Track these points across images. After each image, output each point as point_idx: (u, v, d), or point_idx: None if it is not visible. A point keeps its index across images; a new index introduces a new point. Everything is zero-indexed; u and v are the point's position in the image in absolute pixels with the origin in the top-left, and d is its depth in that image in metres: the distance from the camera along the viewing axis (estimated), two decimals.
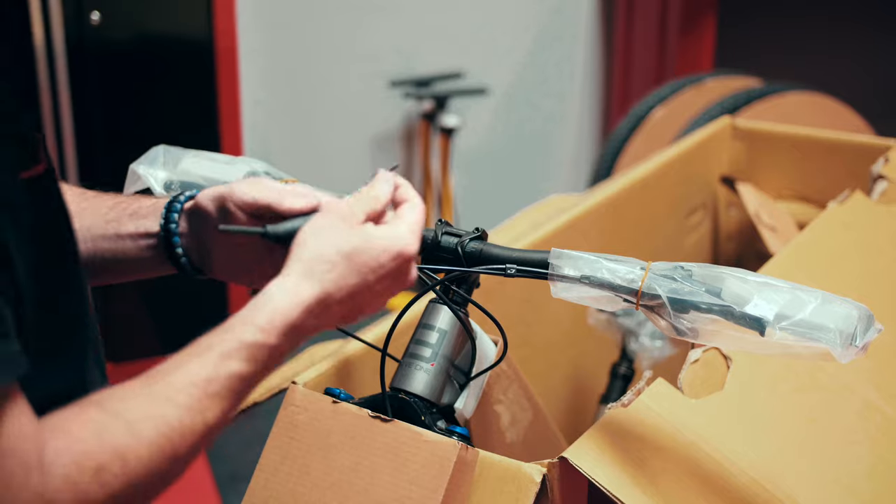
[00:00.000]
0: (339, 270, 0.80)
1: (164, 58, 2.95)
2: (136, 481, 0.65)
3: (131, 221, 0.94)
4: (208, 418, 0.71)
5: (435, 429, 1.04)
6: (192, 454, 0.70)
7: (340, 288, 0.80)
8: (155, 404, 0.68)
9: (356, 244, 0.81)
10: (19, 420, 0.61)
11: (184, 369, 0.71)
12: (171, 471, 0.68)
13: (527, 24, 3.90)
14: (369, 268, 0.82)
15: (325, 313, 0.80)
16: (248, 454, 2.82)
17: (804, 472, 1.11)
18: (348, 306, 0.82)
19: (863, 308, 0.91)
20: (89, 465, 0.63)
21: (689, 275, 0.95)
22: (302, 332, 0.79)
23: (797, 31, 3.72)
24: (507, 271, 1.03)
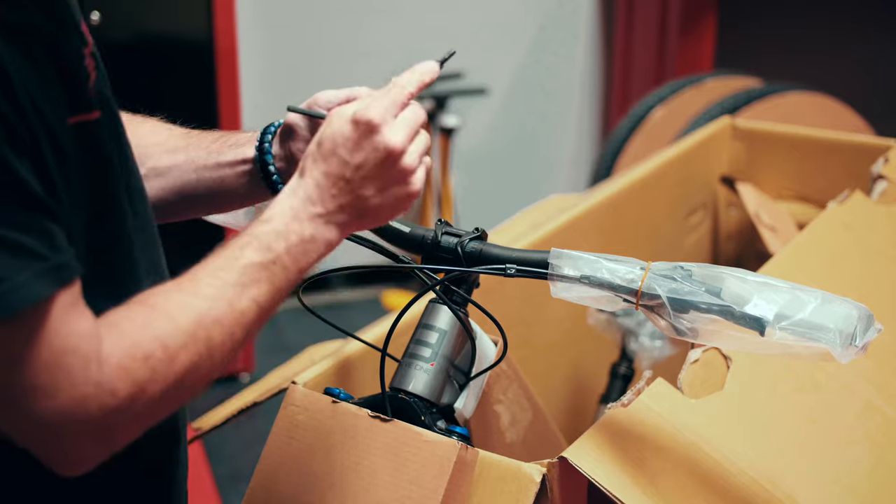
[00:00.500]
0: (316, 154, 0.85)
1: (164, 58, 2.95)
2: (178, 365, 0.73)
3: (230, 150, 1.02)
4: (236, 306, 0.77)
5: (435, 429, 1.04)
6: (229, 341, 0.76)
7: (325, 173, 0.84)
8: (185, 296, 0.75)
9: (324, 129, 0.85)
10: (79, 320, 0.69)
11: (208, 266, 0.79)
12: (211, 356, 0.75)
13: (527, 24, 3.90)
14: (336, 143, 0.84)
15: (322, 200, 0.83)
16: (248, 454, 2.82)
17: (804, 472, 1.11)
18: (344, 193, 0.84)
19: (862, 308, 0.91)
20: (139, 354, 0.71)
21: (689, 275, 0.95)
22: (305, 219, 0.82)
23: (797, 31, 3.72)
24: (507, 271, 1.03)
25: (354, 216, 0.85)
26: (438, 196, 3.70)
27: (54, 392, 0.67)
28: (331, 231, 0.84)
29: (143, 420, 0.74)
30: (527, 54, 3.93)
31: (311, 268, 0.84)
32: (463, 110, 3.73)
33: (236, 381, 3.19)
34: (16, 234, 0.65)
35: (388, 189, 0.85)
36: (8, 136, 0.66)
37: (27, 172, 0.67)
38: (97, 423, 0.69)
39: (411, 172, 0.86)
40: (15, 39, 0.68)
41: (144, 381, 0.71)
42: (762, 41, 3.77)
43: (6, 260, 0.65)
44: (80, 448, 0.70)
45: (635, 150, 2.88)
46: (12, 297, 0.64)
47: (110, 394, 0.69)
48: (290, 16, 3.49)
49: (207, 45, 2.97)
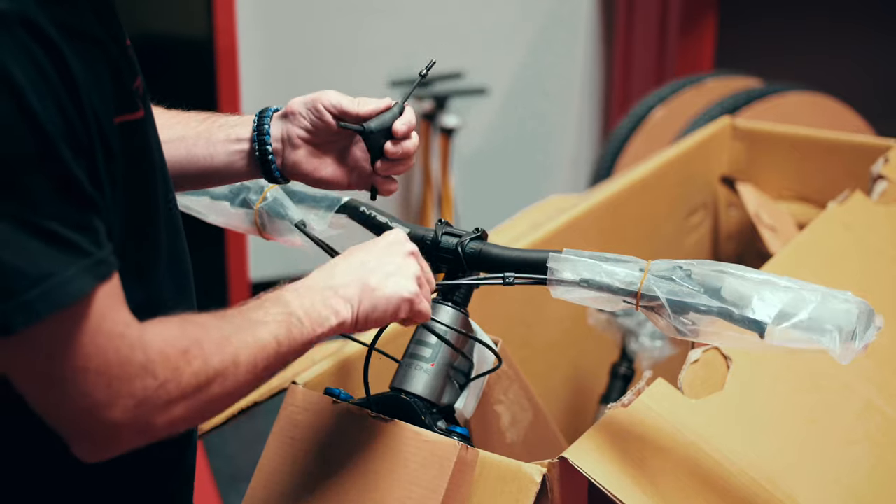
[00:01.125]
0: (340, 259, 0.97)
1: (164, 58, 2.95)
2: (210, 366, 0.78)
3: (221, 130, 1.10)
4: (258, 337, 0.84)
5: (435, 429, 1.04)
6: (251, 367, 0.82)
7: (336, 262, 0.95)
8: (215, 320, 0.83)
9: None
10: (122, 310, 0.74)
11: (234, 308, 0.87)
12: (236, 373, 0.81)
13: (527, 24, 3.90)
14: (360, 248, 0.97)
15: (329, 271, 0.93)
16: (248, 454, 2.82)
17: (804, 472, 1.11)
18: (349, 262, 0.94)
19: (863, 305, 0.90)
20: (178, 346, 0.77)
21: (688, 275, 0.94)
22: (320, 287, 0.91)
23: (797, 31, 3.72)
24: (506, 280, 1.03)
25: (360, 288, 0.92)
26: (438, 196, 3.70)
27: (105, 371, 0.72)
28: (339, 303, 0.91)
29: (176, 411, 0.77)
30: (527, 54, 3.93)
31: (325, 334, 0.90)
32: (463, 110, 3.73)
33: None
34: (67, 230, 0.70)
35: (392, 275, 0.94)
36: (71, 138, 0.71)
37: (82, 172, 0.71)
38: (137, 405, 0.74)
39: (416, 275, 0.96)
40: (78, 44, 0.72)
41: (181, 369, 0.76)
42: (762, 41, 3.77)
43: (56, 255, 0.69)
44: (118, 430, 0.74)
45: (635, 150, 2.88)
46: (61, 292, 0.69)
47: (152, 376, 0.74)
48: (290, 16, 3.49)
49: (207, 45, 2.97)
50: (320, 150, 1.08)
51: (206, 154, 1.09)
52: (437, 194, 3.71)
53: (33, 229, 0.68)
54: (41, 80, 0.69)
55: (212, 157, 1.09)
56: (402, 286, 0.94)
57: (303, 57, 3.54)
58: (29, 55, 0.68)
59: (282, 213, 1.19)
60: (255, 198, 1.20)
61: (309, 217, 1.20)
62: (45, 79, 0.69)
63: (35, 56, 0.68)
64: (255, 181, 1.20)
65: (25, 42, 0.68)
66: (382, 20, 3.63)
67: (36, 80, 0.68)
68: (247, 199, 1.21)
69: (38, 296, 0.68)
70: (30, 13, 0.68)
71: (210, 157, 1.09)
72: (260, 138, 1.07)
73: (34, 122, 0.68)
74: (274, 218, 1.19)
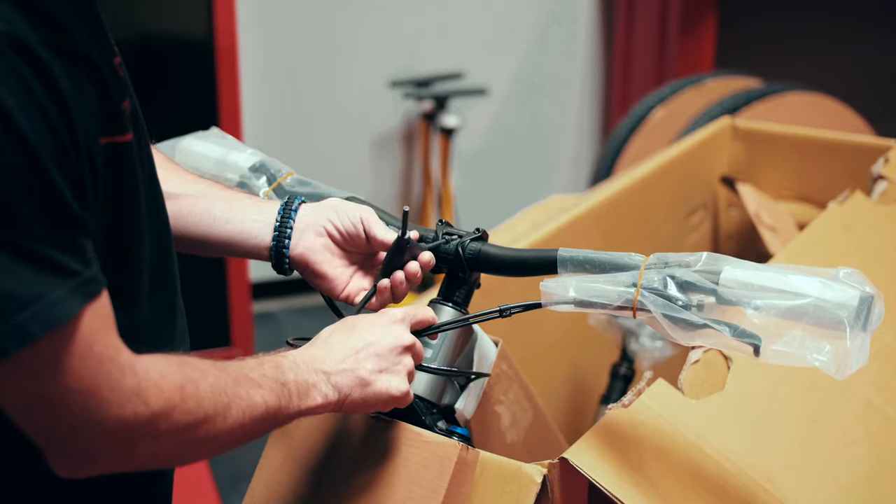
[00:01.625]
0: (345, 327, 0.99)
1: (164, 58, 2.95)
2: (202, 407, 0.78)
3: (247, 221, 1.08)
4: (251, 396, 0.84)
5: (435, 429, 1.04)
6: (239, 422, 0.82)
7: (331, 342, 0.96)
8: (212, 367, 0.83)
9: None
10: (112, 334, 0.74)
11: (234, 361, 0.88)
12: (225, 421, 0.81)
13: (526, 24, 3.90)
14: (357, 327, 0.97)
15: (326, 351, 0.94)
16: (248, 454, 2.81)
17: (804, 473, 1.11)
18: (347, 343, 0.95)
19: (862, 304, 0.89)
20: (175, 381, 0.77)
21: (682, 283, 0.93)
22: (314, 370, 0.92)
23: (797, 31, 3.72)
24: (503, 313, 1.03)
25: (352, 380, 0.94)
26: (438, 196, 3.70)
27: (95, 393, 0.71)
28: (329, 389, 0.92)
29: (160, 444, 0.77)
30: (527, 54, 3.93)
31: (308, 412, 0.91)
32: (463, 110, 3.73)
33: None
34: (54, 251, 0.69)
35: (385, 372, 0.95)
36: (60, 160, 0.70)
37: (69, 192, 0.71)
38: (125, 429, 0.73)
39: (408, 371, 0.97)
40: (69, 64, 0.72)
41: (175, 403, 0.76)
42: (762, 41, 3.77)
43: (43, 277, 0.69)
44: (101, 451, 0.74)
45: (635, 150, 2.88)
46: (50, 313, 0.68)
47: (144, 403, 0.74)
48: (290, 15, 3.49)
49: (207, 45, 2.97)
50: (336, 250, 1.09)
51: (224, 235, 1.08)
52: (437, 194, 3.71)
53: (19, 251, 0.67)
54: (31, 102, 0.68)
55: (231, 245, 1.09)
56: (393, 385, 0.95)
57: (303, 57, 3.54)
58: (19, 77, 0.67)
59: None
60: None
61: None
62: (35, 101, 0.68)
63: (25, 78, 0.68)
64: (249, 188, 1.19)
65: (15, 64, 0.67)
66: (382, 20, 3.63)
67: (25, 103, 0.67)
68: None
69: (29, 317, 0.67)
70: (20, 34, 0.68)
71: (228, 240, 1.08)
72: (279, 249, 1.07)
73: (23, 144, 0.67)
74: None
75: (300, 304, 3.74)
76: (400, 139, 3.78)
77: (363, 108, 3.68)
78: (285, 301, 3.76)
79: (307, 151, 3.62)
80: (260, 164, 1.21)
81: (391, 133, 3.76)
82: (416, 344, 0.99)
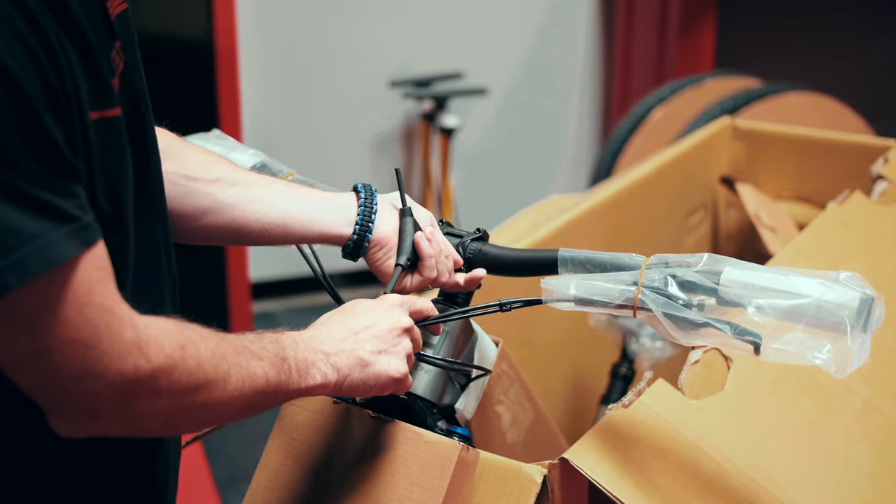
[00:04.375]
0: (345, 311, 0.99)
1: (164, 58, 2.95)
2: (203, 369, 0.78)
3: (318, 221, 1.08)
4: (250, 366, 0.84)
5: (436, 429, 1.04)
6: (238, 391, 0.82)
7: (331, 324, 0.96)
8: (213, 335, 0.82)
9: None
10: (111, 286, 0.73)
11: (232, 336, 0.86)
12: (225, 388, 0.80)
13: (526, 24, 3.90)
14: (356, 311, 0.98)
15: (325, 332, 0.94)
16: (248, 454, 2.82)
17: (804, 473, 1.11)
18: (346, 325, 0.95)
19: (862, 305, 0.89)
20: (175, 340, 0.76)
21: (682, 283, 0.93)
22: (312, 349, 0.92)
23: (797, 31, 3.72)
24: (504, 308, 1.03)
25: (351, 361, 0.94)
26: (439, 196, 3.70)
27: (95, 344, 0.70)
28: (328, 368, 0.92)
29: (161, 403, 0.76)
30: (526, 54, 3.93)
31: (306, 391, 0.91)
32: (463, 110, 3.73)
33: None
34: (50, 194, 0.68)
35: (385, 353, 0.96)
36: (50, 101, 0.69)
37: (60, 137, 0.70)
38: (125, 383, 0.72)
39: (407, 353, 0.98)
40: (57, 22, 0.70)
41: (175, 361, 0.75)
42: (762, 41, 3.77)
43: (40, 219, 0.68)
44: (101, 405, 0.73)
45: (635, 150, 2.88)
46: (49, 252, 0.68)
47: (145, 357, 0.73)
48: (290, 16, 3.49)
49: (207, 45, 2.97)
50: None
51: (300, 235, 1.09)
52: (437, 194, 3.71)
53: (15, 193, 0.67)
54: (18, 44, 0.67)
55: (304, 239, 1.09)
56: (392, 367, 0.95)
57: (302, 57, 3.54)
58: (4, 15, 0.67)
59: None
60: None
61: None
62: (23, 42, 0.68)
63: (10, 17, 0.67)
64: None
65: (1, 3, 0.66)
66: (382, 20, 3.63)
67: (12, 43, 0.67)
68: None
69: (29, 254, 0.67)
70: None
71: (303, 237, 1.09)
72: (357, 246, 1.08)
73: (12, 83, 0.67)
74: None
75: (300, 304, 3.74)
76: (400, 139, 3.78)
77: (363, 108, 3.68)
78: (285, 301, 3.77)
79: (307, 151, 3.62)
80: (261, 165, 1.21)
81: (391, 133, 3.76)
82: (415, 329, 0.99)
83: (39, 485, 0.84)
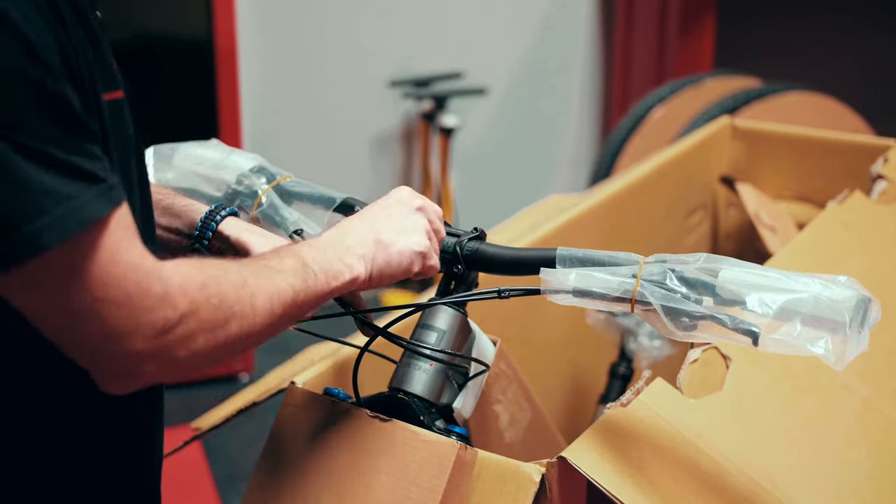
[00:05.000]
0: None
1: (164, 58, 2.95)
2: (226, 303, 0.80)
3: (163, 217, 1.10)
4: (275, 282, 0.86)
5: (434, 428, 1.04)
6: (268, 310, 0.84)
7: (346, 222, 0.99)
8: (232, 264, 0.85)
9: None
10: (137, 242, 0.76)
11: (251, 259, 0.91)
12: (253, 314, 0.83)
13: (526, 24, 3.90)
14: (368, 208, 1.02)
15: (339, 231, 0.97)
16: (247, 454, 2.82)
17: (803, 472, 1.11)
18: (360, 220, 0.98)
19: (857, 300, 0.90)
20: (196, 281, 0.78)
21: (681, 277, 0.93)
22: (332, 244, 0.95)
23: (797, 31, 3.72)
24: (501, 294, 1.03)
25: (373, 245, 0.96)
26: (438, 196, 3.70)
27: (126, 302, 0.73)
28: (353, 259, 0.94)
29: (196, 344, 0.78)
30: (526, 54, 3.93)
31: (339, 289, 0.92)
32: (463, 110, 3.73)
33: (236, 381, 3.19)
34: (79, 158, 0.72)
35: (403, 231, 0.98)
36: (69, 72, 0.73)
37: (78, 104, 0.74)
38: (158, 336, 0.75)
39: (426, 230, 1.00)
40: (72, 10, 0.75)
41: (199, 303, 0.78)
42: (762, 41, 3.77)
43: (72, 181, 0.71)
44: (140, 361, 0.76)
45: (635, 150, 2.88)
46: (82, 213, 0.71)
47: (172, 307, 0.76)
48: (290, 16, 3.49)
49: (207, 45, 2.97)
50: None
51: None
52: (437, 194, 3.71)
53: (48, 159, 0.70)
54: (42, 21, 0.71)
55: None
56: (413, 241, 0.98)
57: (302, 57, 3.54)
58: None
59: (277, 221, 1.18)
60: (250, 203, 1.19)
61: (306, 216, 1.20)
62: (47, 21, 0.71)
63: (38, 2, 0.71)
64: (247, 185, 1.20)
65: None
66: (382, 20, 3.63)
67: (36, 20, 0.70)
68: (242, 204, 1.20)
69: (64, 214, 0.70)
70: None
71: None
72: (198, 243, 1.10)
73: (40, 59, 0.70)
74: (270, 224, 1.19)
75: None
76: (399, 139, 3.78)
77: (362, 107, 3.68)
78: None
79: (307, 151, 3.62)
80: (259, 168, 1.21)
81: (390, 133, 3.76)
82: (429, 206, 1.02)
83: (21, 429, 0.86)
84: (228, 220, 1.10)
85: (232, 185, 1.21)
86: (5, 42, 0.69)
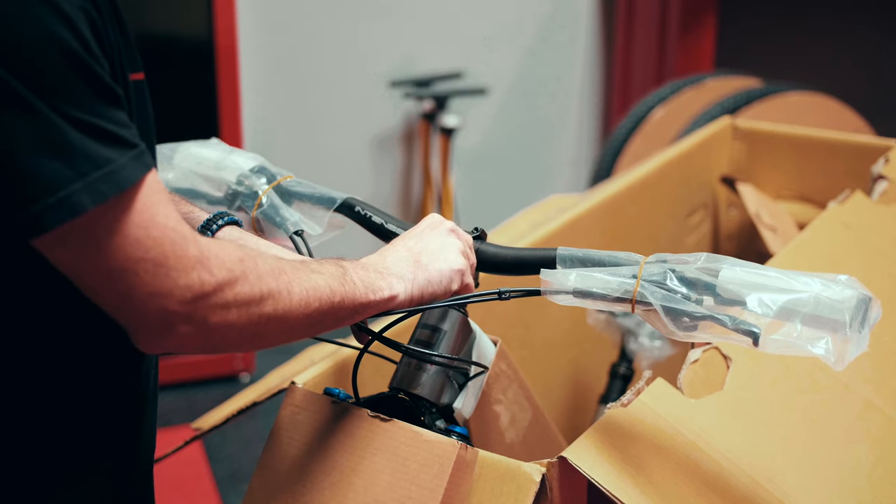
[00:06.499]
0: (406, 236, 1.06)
1: (164, 57, 2.95)
2: (264, 281, 0.82)
3: None
4: (313, 277, 0.88)
5: (434, 428, 1.04)
6: (304, 303, 0.86)
7: (384, 250, 1.02)
8: (267, 253, 0.88)
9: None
10: (171, 206, 0.79)
11: (288, 258, 0.91)
12: (290, 300, 0.85)
13: (526, 24, 3.90)
14: (403, 237, 1.05)
15: (378, 256, 1.00)
16: (248, 454, 2.82)
17: (804, 472, 1.11)
18: (398, 246, 1.02)
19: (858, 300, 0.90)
20: (234, 253, 0.81)
21: (682, 277, 0.93)
22: (375, 266, 0.98)
23: (797, 31, 3.72)
24: (502, 295, 1.03)
25: (413, 267, 1.00)
26: (438, 196, 3.70)
27: (163, 261, 0.76)
28: (393, 278, 0.97)
29: (230, 315, 0.80)
30: (526, 54, 3.93)
31: (376, 304, 0.95)
32: (463, 110, 3.73)
33: (236, 381, 3.19)
34: (113, 125, 0.76)
35: (440, 252, 1.02)
36: (101, 47, 0.76)
37: (108, 76, 0.77)
38: (194, 297, 0.78)
39: (461, 250, 1.04)
40: None
41: (237, 274, 0.80)
42: (762, 41, 3.77)
43: (108, 146, 0.75)
44: (174, 321, 0.78)
45: (635, 150, 2.88)
46: (119, 176, 0.74)
47: (208, 271, 0.78)
48: (290, 16, 3.49)
49: (207, 45, 2.97)
50: None
51: None
52: (437, 194, 3.71)
53: (86, 126, 0.73)
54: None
55: None
56: (451, 260, 1.01)
57: (302, 56, 3.54)
58: None
59: (278, 222, 1.17)
60: (250, 203, 1.19)
61: (306, 216, 1.19)
62: None
63: None
64: (248, 185, 1.19)
65: None
66: (382, 20, 3.63)
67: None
68: (242, 205, 1.20)
69: (101, 177, 0.73)
70: None
71: None
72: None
73: (74, 30, 0.74)
74: (271, 224, 1.19)
75: None
76: (400, 139, 3.78)
77: (363, 107, 3.68)
78: None
79: (307, 151, 3.62)
80: (259, 168, 1.21)
81: (391, 133, 3.76)
82: (458, 229, 1.06)
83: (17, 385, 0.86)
84: (226, 230, 1.10)
85: (232, 185, 1.20)
86: (46, 16, 0.72)
